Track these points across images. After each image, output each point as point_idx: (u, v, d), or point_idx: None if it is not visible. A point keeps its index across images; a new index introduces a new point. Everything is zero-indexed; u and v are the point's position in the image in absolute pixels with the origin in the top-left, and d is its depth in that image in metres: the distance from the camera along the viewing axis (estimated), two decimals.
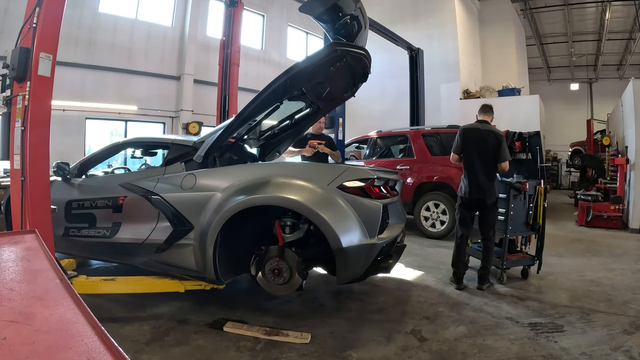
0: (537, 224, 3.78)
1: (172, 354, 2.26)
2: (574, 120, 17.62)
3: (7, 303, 0.85)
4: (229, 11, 6.68)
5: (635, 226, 6.58)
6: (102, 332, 0.72)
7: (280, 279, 2.63)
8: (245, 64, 9.13)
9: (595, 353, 2.33)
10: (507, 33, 13.85)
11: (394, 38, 8.15)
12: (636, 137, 6.81)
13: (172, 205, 2.80)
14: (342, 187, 2.58)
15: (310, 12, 2.74)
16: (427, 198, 5.90)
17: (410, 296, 3.33)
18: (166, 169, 3.05)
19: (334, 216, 2.46)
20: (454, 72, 11.66)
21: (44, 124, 2.63)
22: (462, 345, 2.42)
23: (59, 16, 2.67)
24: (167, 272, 2.87)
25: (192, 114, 11.02)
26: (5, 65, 2.60)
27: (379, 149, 7.11)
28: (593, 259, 4.73)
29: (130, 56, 10.19)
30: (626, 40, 16.08)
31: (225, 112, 6.60)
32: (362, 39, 2.88)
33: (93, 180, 3.49)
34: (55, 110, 4.01)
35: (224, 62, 6.74)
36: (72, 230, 3.22)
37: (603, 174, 8.98)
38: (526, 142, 4.12)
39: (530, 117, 9.81)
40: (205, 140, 3.02)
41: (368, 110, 11.95)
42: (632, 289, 3.56)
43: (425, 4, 12.42)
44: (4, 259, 1.16)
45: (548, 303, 3.18)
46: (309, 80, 2.93)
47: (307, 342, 2.41)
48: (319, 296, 3.27)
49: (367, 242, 2.51)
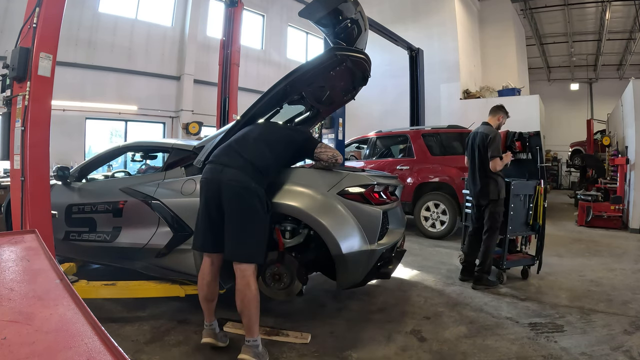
0: (537, 224, 3.78)
1: (172, 354, 2.26)
2: (574, 120, 17.64)
3: (7, 303, 0.85)
4: (229, 11, 6.68)
5: (635, 226, 6.58)
6: (102, 332, 0.72)
7: (280, 284, 2.63)
8: (245, 64, 9.16)
9: (595, 353, 2.33)
10: (507, 33, 13.85)
11: (394, 38, 8.15)
12: (636, 137, 6.81)
13: (172, 210, 2.80)
14: (342, 193, 2.58)
15: (310, 17, 2.73)
16: (427, 198, 5.90)
17: (410, 296, 3.33)
18: (166, 173, 3.05)
19: (333, 222, 2.46)
20: (454, 72, 11.67)
21: (44, 124, 2.62)
22: (463, 345, 2.42)
23: (59, 16, 2.67)
24: (168, 276, 2.87)
25: (192, 114, 11.03)
26: (5, 65, 2.60)
27: (379, 149, 7.11)
28: (593, 259, 4.73)
29: (130, 56, 10.20)
30: (626, 40, 16.09)
31: (225, 112, 6.60)
32: (362, 42, 2.88)
33: (93, 185, 3.47)
34: (55, 110, 4.01)
35: (224, 62, 6.73)
36: (73, 234, 3.22)
37: (603, 174, 8.98)
38: (526, 142, 4.13)
39: (530, 117, 9.82)
40: (205, 145, 3.01)
41: (368, 110, 11.96)
42: (632, 289, 3.56)
43: (425, 4, 12.42)
44: (4, 259, 1.16)
45: (548, 303, 3.18)
46: (308, 85, 2.93)
47: (307, 342, 2.41)
48: (319, 296, 3.27)
49: (367, 248, 2.51)
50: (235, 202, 2.15)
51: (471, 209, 3.84)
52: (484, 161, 3.52)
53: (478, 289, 3.49)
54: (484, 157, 3.53)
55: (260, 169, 2.26)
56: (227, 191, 2.15)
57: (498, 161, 3.45)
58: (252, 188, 2.17)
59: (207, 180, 2.25)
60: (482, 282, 3.52)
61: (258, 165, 2.26)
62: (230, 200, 2.15)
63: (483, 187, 3.54)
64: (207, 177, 2.26)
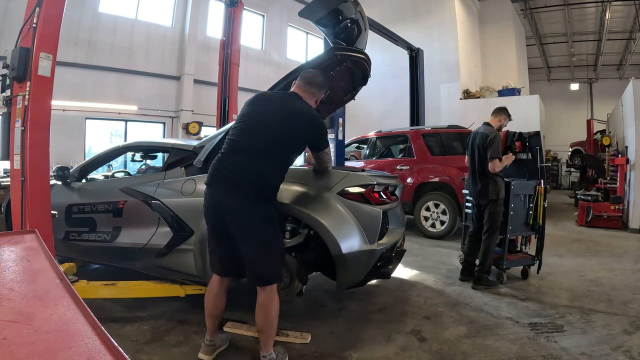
0: (537, 224, 3.78)
1: (172, 354, 2.26)
2: (574, 120, 17.64)
3: (7, 303, 0.85)
4: (229, 11, 6.68)
5: (635, 226, 6.58)
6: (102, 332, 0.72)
7: (280, 284, 2.63)
8: (245, 64, 9.16)
9: (595, 353, 2.33)
10: (507, 33, 13.85)
11: (394, 38, 8.14)
12: (636, 137, 6.81)
13: (172, 210, 2.80)
14: (342, 193, 2.58)
15: (310, 17, 2.73)
16: (427, 198, 5.90)
17: (410, 296, 3.33)
18: (166, 173, 3.05)
19: (333, 222, 2.46)
20: (454, 72, 11.67)
21: (44, 124, 2.62)
22: (463, 345, 2.42)
23: (59, 16, 2.67)
24: (168, 276, 2.87)
25: (192, 114, 11.02)
26: (5, 65, 2.60)
27: (379, 149, 7.11)
28: (593, 259, 4.73)
29: (130, 56, 10.19)
30: (626, 40, 16.08)
31: (225, 112, 6.60)
32: (362, 42, 2.88)
33: (93, 185, 3.47)
34: (55, 110, 4.01)
35: (224, 62, 6.73)
36: (73, 234, 3.22)
37: (603, 174, 8.98)
38: (526, 142, 4.13)
39: (530, 117, 9.82)
40: (205, 145, 3.01)
41: (368, 110, 11.96)
42: (632, 289, 3.57)
43: (425, 4, 12.42)
44: (4, 259, 1.16)
45: (548, 303, 3.18)
46: None
47: (307, 342, 2.41)
48: (319, 296, 3.27)
49: (367, 248, 2.51)
50: (244, 231, 2.03)
51: (471, 209, 3.85)
52: (484, 161, 3.53)
53: (478, 289, 3.49)
54: (484, 157, 3.53)
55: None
56: (232, 222, 2.04)
57: (497, 162, 3.45)
58: (255, 211, 2.03)
59: (207, 207, 2.12)
60: (482, 282, 3.52)
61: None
62: (237, 229, 2.04)
63: (482, 187, 3.55)
64: (208, 204, 2.11)
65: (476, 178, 3.62)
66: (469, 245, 3.82)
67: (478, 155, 3.60)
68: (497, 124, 3.70)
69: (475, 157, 3.65)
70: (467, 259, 3.77)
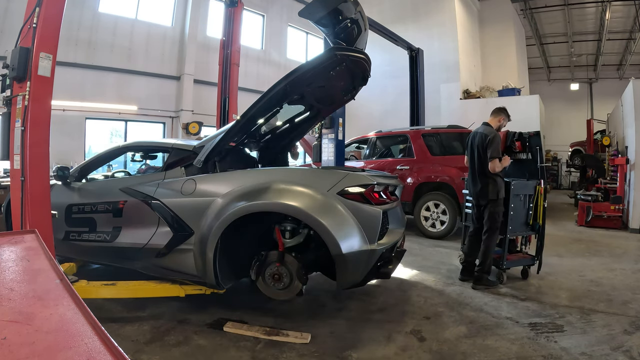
0: (537, 224, 3.78)
1: (172, 354, 2.26)
2: (574, 120, 17.64)
3: (7, 303, 0.85)
4: (229, 11, 6.69)
5: (635, 226, 6.58)
6: (102, 332, 0.72)
7: (280, 284, 2.63)
8: (245, 64, 9.16)
9: (595, 353, 2.33)
10: (507, 33, 13.85)
11: (394, 38, 8.15)
12: (636, 137, 6.81)
13: (172, 210, 2.80)
14: (342, 193, 2.58)
15: (310, 17, 2.74)
16: (427, 198, 5.90)
17: (410, 296, 3.33)
18: (166, 173, 3.05)
19: (333, 222, 2.46)
20: (454, 72, 11.67)
21: (44, 124, 2.62)
22: (463, 345, 2.42)
23: (59, 16, 2.67)
24: (168, 276, 2.87)
25: (192, 114, 11.02)
26: (5, 65, 2.60)
27: (379, 149, 7.11)
28: (593, 259, 4.73)
29: (130, 56, 10.19)
30: (626, 40, 16.08)
31: (225, 112, 6.61)
32: (362, 41, 2.88)
33: (93, 185, 3.47)
34: (55, 110, 4.01)
35: (224, 62, 6.74)
36: (73, 234, 3.22)
37: (603, 174, 8.97)
38: (526, 142, 4.13)
39: (530, 117, 9.81)
40: (205, 145, 3.01)
41: (368, 110, 11.96)
42: (632, 289, 3.56)
43: (425, 4, 12.42)
44: (4, 259, 1.16)
45: (548, 303, 3.18)
46: (308, 85, 2.92)
47: (307, 342, 2.41)
48: (319, 296, 3.27)
49: (366, 248, 2.51)
50: None
51: (471, 209, 3.84)
52: (483, 161, 3.53)
53: (478, 289, 3.49)
54: (483, 157, 3.53)
55: None
56: None
57: (497, 162, 3.46)
58: None
59: None
60: (482, 282, 3.52)
61: None
62: None
63: (482, 187, 3.55)
64: None
65: (476, 178, 3.63)
66: (469, 245, 3.81)
67: (478, 155, 3.60)
68: (496, 124, 3.70)
69: (474, 157, 3.65)
70: (467, 259, 3.77)
